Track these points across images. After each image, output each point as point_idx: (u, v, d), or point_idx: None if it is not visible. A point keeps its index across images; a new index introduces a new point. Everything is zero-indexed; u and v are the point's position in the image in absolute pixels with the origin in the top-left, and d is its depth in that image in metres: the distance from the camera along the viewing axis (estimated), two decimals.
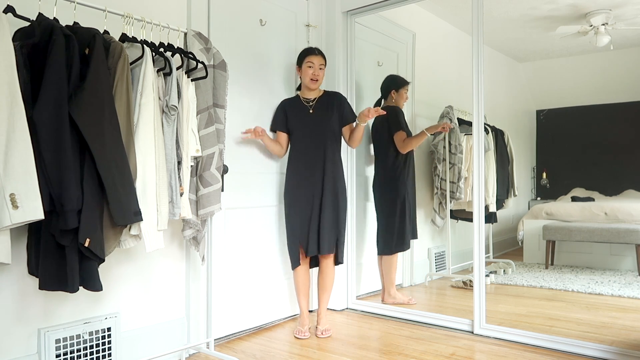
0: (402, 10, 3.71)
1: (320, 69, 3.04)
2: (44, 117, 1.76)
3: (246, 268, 3.05)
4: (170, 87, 2.21)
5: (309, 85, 3.04)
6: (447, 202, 4.18)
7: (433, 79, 4.42)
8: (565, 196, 5.35)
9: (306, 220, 2.98)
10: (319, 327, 2.98)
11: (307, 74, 3.03)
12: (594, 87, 5.28)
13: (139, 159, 2.06)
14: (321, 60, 3.05)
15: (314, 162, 3.01)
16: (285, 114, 3.09)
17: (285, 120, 3.09)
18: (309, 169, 3.00)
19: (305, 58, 3.04)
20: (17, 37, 1.82)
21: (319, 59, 3.04)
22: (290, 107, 3.10)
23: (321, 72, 3.05)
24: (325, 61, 3.10)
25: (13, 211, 1.65)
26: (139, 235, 2.06)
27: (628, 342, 2.71)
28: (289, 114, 3.08)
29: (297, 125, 3.05)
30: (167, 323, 2.57)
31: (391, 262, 3.62)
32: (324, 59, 3.08)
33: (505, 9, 4.33)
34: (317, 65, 3.02)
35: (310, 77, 3.02)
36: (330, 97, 3.11)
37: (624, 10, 4.38)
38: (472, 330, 2.96)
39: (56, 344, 2.09)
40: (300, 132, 3.04)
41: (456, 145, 4.17)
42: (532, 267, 4.77)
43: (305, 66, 3.03)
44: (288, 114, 3.09)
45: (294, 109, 3.09)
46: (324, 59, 3.08)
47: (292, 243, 3.02)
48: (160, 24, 2.34)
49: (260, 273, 3.15)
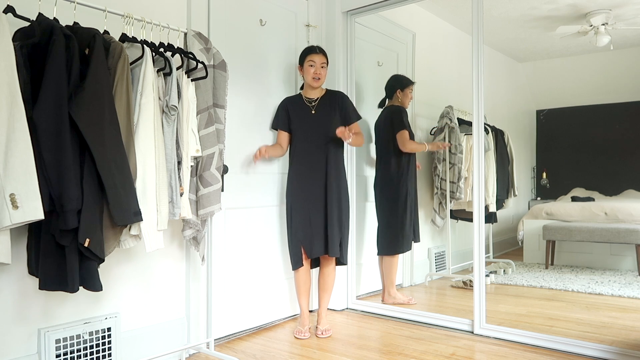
0: (402, 10, 3.71)
1: (322, 68, 3.01)
2: (44, 117, 1.76)
3: (246, 268, 3.05)
4: (170, 87, 2.21)
5: (312, 84, 3.03)
6: (447, 202, 4.18)
7: (433, 79, 4.42)
8: (565, 196, 5.35)
9: (309, 221, 2.97)
10: (319, 327, 2.98)
11: (308, 73, 3.01)
12: (594, 87, 5.28)
13: (139, 159, 2.06)
14: (323, 59, 3.03)
15: (316, 163, 2.99)
16: (288, 114, 3.07)
17: (287, 119, 3.07)
18: (312, 171, 2.99)
19: (306, 57, 3.03)
20: (17, 37, 1.82)
21: (320, 57, 3.02)
22: (292, 106, 3.08)
23: (323, 70, 3.03)
24: (327, 59, 3.07)
25: (13, 211, 1.65)
26: (139, 235, 2.06)
27: (628, 342, 2.71)
28: (291, 113, 3.06)
29: (299, 126, 3.03)
30: (167, 323, 2.57)
31: (391, 263, 3.61)
32: (325, 57, 3.05)
33: (505, 9, 4.33)
34: (319, 64, 3.00)
35: (312, 76, 3.00)
36: (332, 97, 3.10)
37: (624, 10, 4.38)
38: (472, 330, 2.96)
39: (56, 344, 2.09)
40: (303, 132, 3.02)
41: (456, 145, 4.17)
42: (532, 267, 4.77)
43: (307, 65, 3.01)
44: (290, 113, 3.06)
45: (296, 109, 3.06)
46: (325, 57, 3.05)
47: (294, 244, 3.00)
48: (160, 24, 2.34)
49: (261, 273, 3.15)
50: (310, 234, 2.96)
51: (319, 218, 2.97)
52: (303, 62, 3.04)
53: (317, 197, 2.98)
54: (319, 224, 2.97)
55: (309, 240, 2.97)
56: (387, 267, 3.62)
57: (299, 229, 2.97)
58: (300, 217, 2.98)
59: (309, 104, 3.05)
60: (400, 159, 3.59)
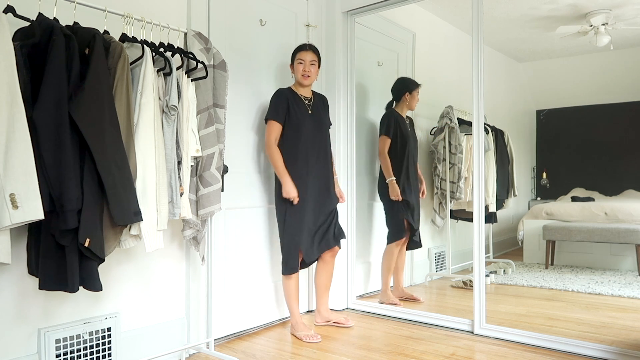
0: (402, 10, 3.71)
1: (311, 65, 2.95)
2: (44, 117, 1.76)
3: (246, 268, 3.05)
4: (170, 87, 2.21)
5: (301, 82, 2.98)
6: (447, 202, 4.18)
7: (433, 79, 4.42)
8: (565, 196, 5.35)
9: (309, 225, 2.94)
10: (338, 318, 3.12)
11: (298, 71, 2.97)
12: (594, 87, 5.28)
13: (139, 159, 2.06)
14: (313, 57, 2.97)
15: (315, 164, 2.96)
16: (288, 107, 2.93)
17: (287, 113, 2.93)
18: (311, 173, 2.95)
19: (296, 54, 2.99)
20: (17, 37, 1.82)
21: (310, 54, 2.96)
22: (292, 100, 2.97)
23: (313, 68, 2.96)
24: (319, 57, 3.02)
25: (13, 211, 1.65)
26: (139, 235, 2.06)
27: (628, 342, 2.71)
28: (291, 108, 2.95)
29: (299, 123, 2.94)
30: (167, 323, 2.57)
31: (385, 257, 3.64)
32: (316, 54, 2.99)
33: (505, 9, 4.33)
34: (308, 61, 2.95)
35: (301, 74, 2.96)
36: (321, 99, 3.13)
37: (624, 10, 4.38)
38: (472, 330, 2.96)
39: (56, 344, 2.09)
40: (303, 131, 2.93)
41: (456, 145, 4.17)
42: (532, 267, 4.77)
43: (297, 63, 2.97)
44: (290, 108, 2.95)
45: (295, 104, 2.97)
46: (316, 54, 2.99)
47: (292, 248, 2.91)
48: (160, 24, 2.34)
49: (261, 273, 3.15)
50: (311, 236, 2.95)
51: (320, 216, 2.98)
52: (293, 60, 3.01)
53: (317, 199, 2.97)
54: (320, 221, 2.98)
55: (309, 243, 2.94)
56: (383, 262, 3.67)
57: (296, 233, 2.90)
58: (298, 221, 2.90)
59: (306, 103, 3.01)
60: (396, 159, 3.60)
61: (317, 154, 2.98)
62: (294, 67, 3.01)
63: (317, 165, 2.98)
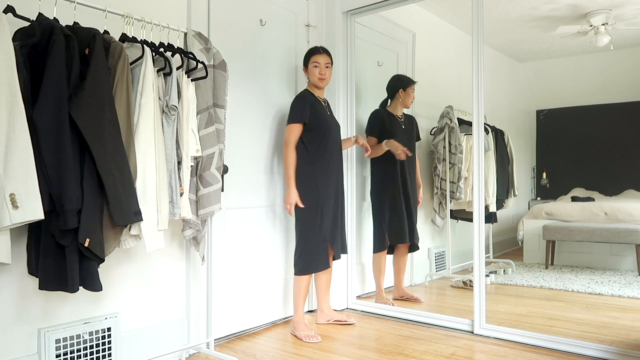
0: (402, 10, 3.71)
1: (326, 68, 3.03)
2: (44, 117, 1.76)
3: (246, 268, 3.05)
4: (170, 87, 2.21)
5: (318, 84, 3.05)
6: (447, 202, 4.18)
7: (433, 79, 4.42)
8: (565, 196, 5.35)
9: (333, 222, 3.03)
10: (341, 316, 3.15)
11: (314, 74, 3.03)
12: (594, 87, 5.28)
13: (139, 159, 2.06)
14: (327, 59, 3.05)
15: (336, 165, 3.08)
16: (311, 110, 2.97)
17: (313, 114, 2.97)
18: (334, 173, 3.06)
19: (310, 58, 3.05)
20: (17, 37, 1.82)
21: (324, 57, 3.04)
22: (314, 102, 3.01)
23: (328, 70, 3.05)
24: (332, 59, 3.10)
25: (13, 211, 1.65)
26: (139, 235, 2.06)
27: (628, 342, 2.72)
28: (313, 109, 2.98)
29: (322, 124, 2.99)
30: (167, 323, 2.57)
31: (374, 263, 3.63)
32: (329, 57, 3.07)
33: (505, 9, 4.33)
34: (323, 64, 3.02)
35: (317, 77, 3.02)
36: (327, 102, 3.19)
37: (624, 10, 4.38)
38: (472, 330, 2.96)
39: (56, 344, 2.09)
40: (327, 132, 3.01)
41: (456, 145, 4.17)
42: (532, 267, 4.77)
43: (311, 66, 3.04)
44: (312, 109, 2.98)
45: (316, 107, 3.01)
46: (329, 57, 3.07)
47: (320, 245, 2.96)
48: (160, 24, 2.34)
49: (261, 273, 3.15)
50: (339, 233, 3.06)
51: (339, 217, 3.08)
52: (307, 64, 3.06)
53: (337, 197, 3.07)
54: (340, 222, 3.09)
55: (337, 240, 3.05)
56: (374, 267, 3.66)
57: (327, 230, 2.99)
58: (329, 217, 3.01)
59: (324, 104, 3.10)
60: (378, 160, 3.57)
61: (338, 154, 3.10)
62: (308, 70, 3.07)
63: (339, 166, 3.11)
